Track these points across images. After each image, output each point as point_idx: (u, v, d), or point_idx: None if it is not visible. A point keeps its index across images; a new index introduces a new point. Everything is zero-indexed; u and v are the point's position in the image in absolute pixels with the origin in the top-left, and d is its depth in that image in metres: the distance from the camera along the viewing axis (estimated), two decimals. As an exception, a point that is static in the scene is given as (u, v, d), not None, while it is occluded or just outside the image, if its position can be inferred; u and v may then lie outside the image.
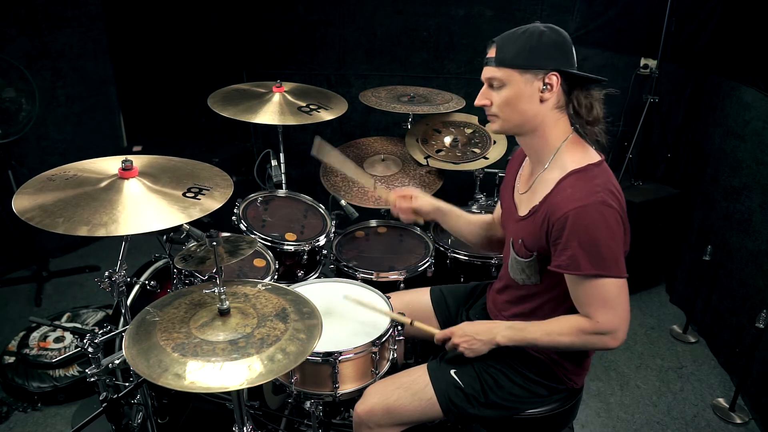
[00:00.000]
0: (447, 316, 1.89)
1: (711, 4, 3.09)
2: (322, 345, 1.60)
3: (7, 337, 2.72)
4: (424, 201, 1.84)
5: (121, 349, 1.84)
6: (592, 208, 1.35)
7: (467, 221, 1.88)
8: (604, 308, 1.39)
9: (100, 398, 1.67)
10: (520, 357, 1.61)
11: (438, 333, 1.64)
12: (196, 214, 1.49)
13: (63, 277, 3.48)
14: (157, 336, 1.35)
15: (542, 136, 1.48)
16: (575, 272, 1.39)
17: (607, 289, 1.38)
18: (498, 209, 1.81)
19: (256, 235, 2.24)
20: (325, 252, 2.43)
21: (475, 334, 1.56)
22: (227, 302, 1.43)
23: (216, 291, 1.44)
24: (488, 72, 1.46)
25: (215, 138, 4.15)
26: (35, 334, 2.67)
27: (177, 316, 1.43)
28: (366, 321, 1.80)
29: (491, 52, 1.46)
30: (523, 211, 1.55)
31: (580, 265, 1.37)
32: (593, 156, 1.47)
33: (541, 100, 1.43)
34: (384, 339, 1.71)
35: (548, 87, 1.41)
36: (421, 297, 1.95)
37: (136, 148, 3.76)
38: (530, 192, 1.54)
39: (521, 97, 1.43)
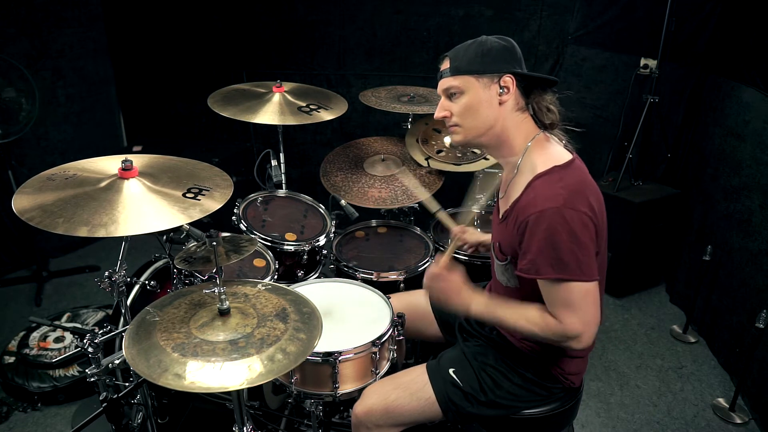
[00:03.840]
0: (445, 318, 1.90)
1: (711, 4, 3.09)
2: (322, 345, 1.60)
3: (7, 337, 2.72)
4: (473, 236, 1.92)
5: (121, 349, 1.84)
6: (552, 212, 1.34)
7: None
8: (568, 311, 1.38)
9: (100, 398, 1.67)
10: (518, 357, 1.62)
11: (455, 229, 1.81)
12: (196, 215, 1.49)
13: (63, 277, 3.48)
14: (157, 336, 1.35)
15: (506, 141, 1.50)
16: (536, 276, 1.40)
17: (571, 292, 1.37)
18: None
19: (256, 235, 2.24)
20: (325, 252, 2.43)
21: (458, 293, 1.54)
22: (227, 302, 1.43)
23: (216, 291, 1.44)
24: (445, 83, 1.49)
25: (215, 138, 4.16)
26: (35, 334, 2.67)
27: (177, 316, 1.43)
28: (366, 321, 1.80)
29: (445, 65, 1.50)
30: (500, 214, 1.58)
31: (540, 269, 1.37)
32: (561, 156, 1.46)
33: (500, 104, 1.46)
34: (384, 339, 1.71)
35: (505, 90, 1.44)
36: (420, 298, 1.95)
37: (136, 148, 3.76)
38: (505, 197, 1.56)
39: (480, 102, 1.45)
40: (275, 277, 2.15)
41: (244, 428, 1.54)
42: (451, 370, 1.63)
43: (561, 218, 1.34)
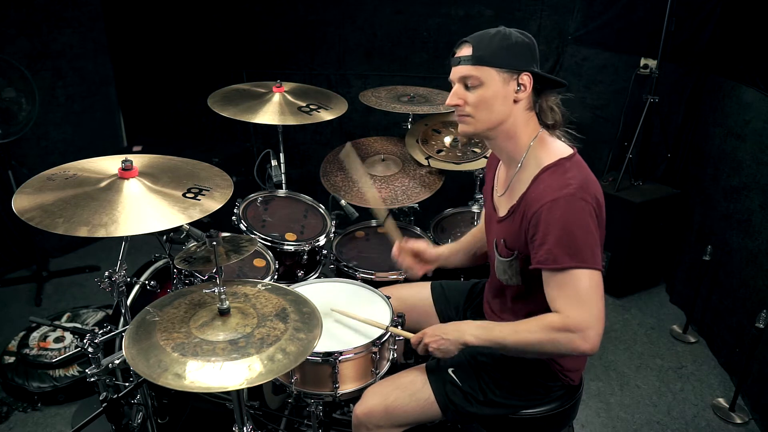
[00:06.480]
0: (446, 311, 1.90)
1: (711, 4, 3.09)
2: (322, 345, 1.60)
3: (7, 337, 2.72)
4: (431, 250, 1.85)
5: (121, 349, 1.84)
6: (564, 200, 1.35)
7: (466, 249, 1.90)
8: (575, 303, 1.35)
9: (100, 398, 1.67)
10: (517, 355, 1.61)
11: (412, 337, 1.61)
12: (196, 215, 1.49)
13: (63, 277, 3.48)
14: (157, 336, 1.35)
15: (513, 137, 1.50)
16: (553, 266, 1.37)
17: (580, 281, 1.35)
18: (482, 220, 1.83)
19: (256, 235, 2.24)
20: (325, 252, 2.43)
21: (444, 334, 1.52)
22: (227, 302, 1.43)
23: (216, 291, 1.43)
24: (463, 70, 1.45)
25: (215, 138, 4.16)
26: (35, 334, 2.67)
27: (177, 315, 1.43)
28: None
29: (464, 51, 1.45)
30: (502, 212, 1.57)
31: (557, 258, 1.36)
32: (565, 150, 1.48)
33: (515, 101, 1.45)
34: (384, 339, 1.71)
35: (522, 87, 1.44)
36: (421, 291, 1.95)
37: (136, 148, 3.76)
38: (508, 193, 1.56)
39: (497, 96, 1.44)
40: (275, 277, 2.15)
41: (244, 428, 1.54)
42: (450, 370, 1.63)
43: (574, 206, 1.35)
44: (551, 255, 1.37)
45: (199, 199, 1.56)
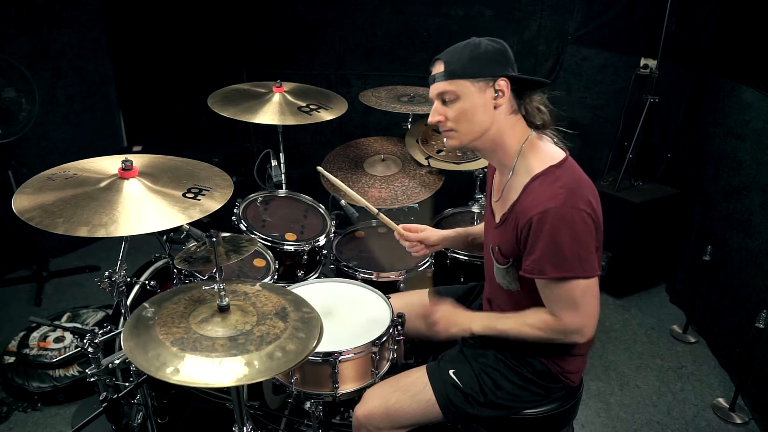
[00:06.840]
0: None
1: (711, 4, 3.09)
2: (322, 345, 1.60)
3: (7, 337, 2.72)
4: (432, 233, 1.87)
5: (121, 349, 1.84)
6: (554, 212, 1.36)
7: (476, 234, 1.93)
8: (569, 309, 1.42)
9: (100, 398, 1.67)
10: (517, 357, 1.62)
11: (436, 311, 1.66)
12: (196, 215, 1.49)
13: (63, 277, 3.48)
14: (156, 330, 1.34)
15: (501, 144, 1.50)
16: (540, 276, 1.42)
17: (573, 290, 1.40)
18: None
19: (256, 235, 2.24)
20: (325, 252, 2.43)
21: (455, 323, 1.62)
22: (227, 299, 1.43)
23: (216, 287, 1.43)
24: (439, 87, 1.47)
25: (215, 138, 4.16)
26: (35, 334, 2.67)
27: (176, 311, 1.43)
28: (366, 321, 1.80)
29: (437, 68, 1.47)
30: (497, 218, 1.58)
31: (545, 269, 1.39)
32: (555, 155, 1.47)
33: (495, 107, 1.45)
34: (384, 339, 1.71)
35: (500, 93, 1.44)
36: (420, 298, 1.95)
37: (136, 148, 3.76)
38: (501, 200, 1.57)
39: (476, 107, 1.45)
40: (275, 277, 2.15)
41: (244, 428, 1.54)
42: (451, 371, 1.63)
43: (562, 217, 1.35)
44: (537, 266, 1.40)
45: (199, 199, 1.56)
